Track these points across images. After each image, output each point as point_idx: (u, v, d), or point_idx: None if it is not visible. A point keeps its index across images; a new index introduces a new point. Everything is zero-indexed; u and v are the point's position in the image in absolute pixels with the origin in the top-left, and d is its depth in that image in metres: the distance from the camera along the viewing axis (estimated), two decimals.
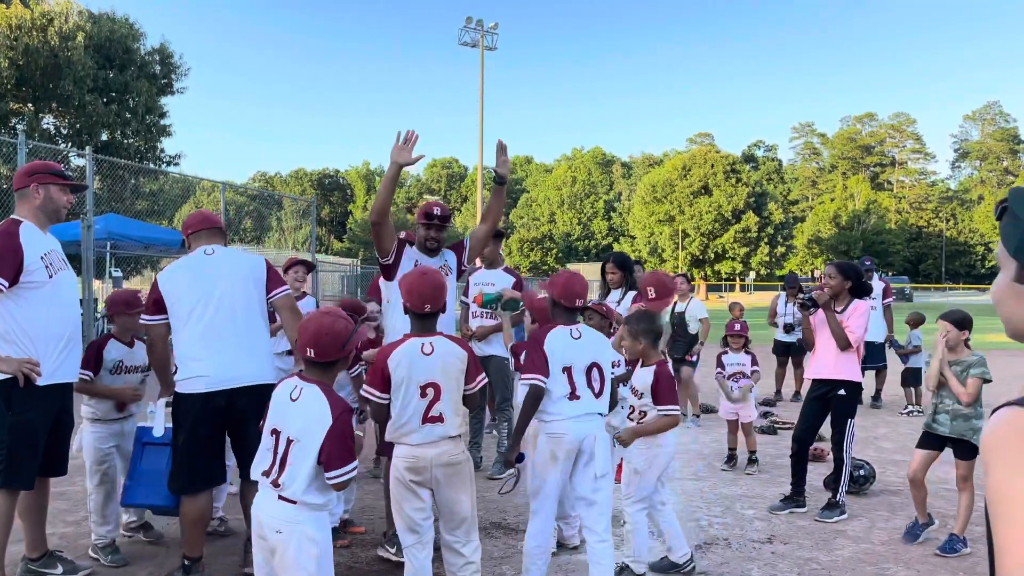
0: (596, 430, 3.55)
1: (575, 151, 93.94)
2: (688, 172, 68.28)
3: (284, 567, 2.64)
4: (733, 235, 66.77)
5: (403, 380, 3.13)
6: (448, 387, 3.19)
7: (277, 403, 2.81)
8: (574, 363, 3.53)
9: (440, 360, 3.19)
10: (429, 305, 3.25)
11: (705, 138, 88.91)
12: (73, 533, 4.65)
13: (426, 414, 3.15)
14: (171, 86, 27.47)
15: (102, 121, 24.60)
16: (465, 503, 3.27)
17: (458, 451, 3.26)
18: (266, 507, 2.71)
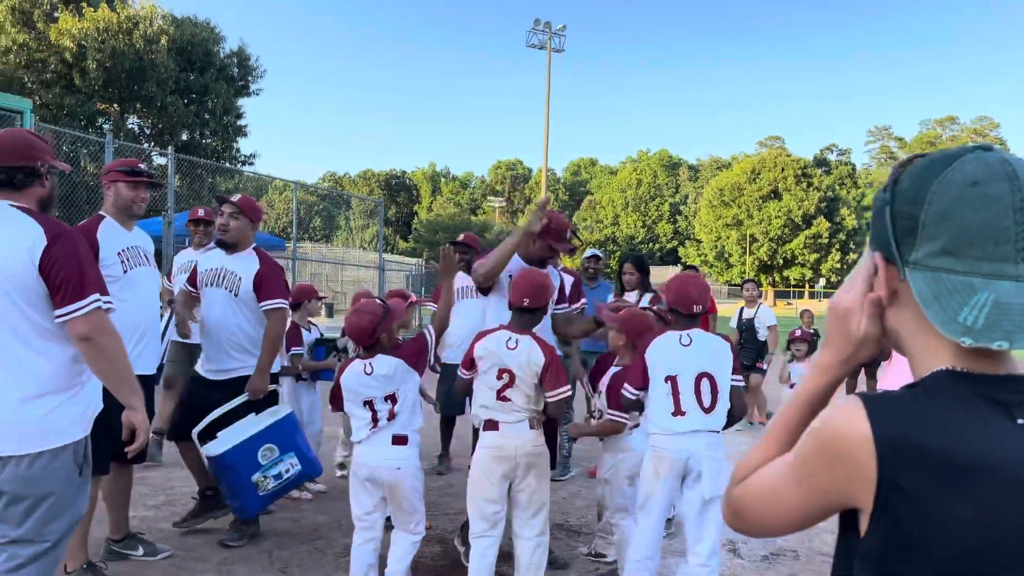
0: (704, 448, 3.34)
1: (641, 153, 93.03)
2: (757, 176, 66.94)
3: (403, 495, 3.45)
4: (803, 241, 65.18)
5: (486, 365, 3.40)
6: (522, 379, 3.35)
7: (359, 381, 3.44)
8: (680, 373, 3.38)
9: (519, 357, 3.35)
10: (528, 300, 3.41)
11: (775, 141, 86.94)
12: (153, 516, 4.85)
13: (499, 393, 3.37)
14: (247, 88, 28.34)
15: (182, 121, 25.55)
16: (544, 492, 3.42)
17: (540, 442, 3.41)
18: (379, 453, 3.43)
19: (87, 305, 2.39)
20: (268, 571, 4.03)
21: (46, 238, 2.37)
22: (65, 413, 2.43)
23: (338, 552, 4.32)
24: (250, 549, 4.32)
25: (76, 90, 23.31)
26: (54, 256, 2.35)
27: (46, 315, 2.40)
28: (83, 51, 22.66)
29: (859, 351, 1.07)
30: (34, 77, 22.95)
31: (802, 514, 1.05)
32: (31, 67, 22.90)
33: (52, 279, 2.36)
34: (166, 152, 16.97)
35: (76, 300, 2.38)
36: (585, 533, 4.82)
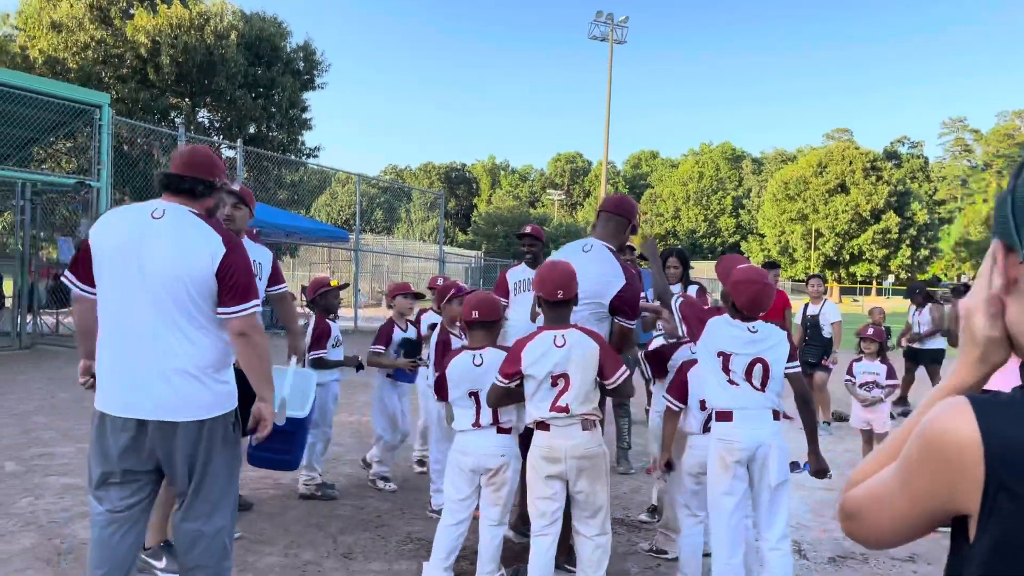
0: (768, 436, 3.35)
1: (703, 146, 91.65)
2: (824, 169, 65.22)
3: (503, 481, 3.58)
4: (871, 236, 63.27)
5: (536, 371, 3.27)
6: (577, 379, 3.25)
7: (467, 373, 3.58)
8: (734, 353, 3.40)
9: (571, 352, 3.26)
10: (561, 292, 3.32)
11: (843, 134, 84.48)
12: None
13: (554, 403, 3.27)
14: (313, 82, 28.81)
15: (250, 115, 26.15)
16: (600, 494, 3.32)
17: (594, 443, 3.30)
18: (485, 443, 3.56)
19: (250, 308, 2.81)
20: (332, 556, 4.11)
21: (225, 247, 2.78)
22: (219, 389, 2.83)
23: (400, 539, 4.38)
24: (315, 534, 4.42)
25: (150, 85, 24.06)
26: (231, 263, 2.77)
27: (207, 310, 2.78)
28: (157, 47, 23.38)
29: (989, 352, 1.03)
30: (111, 72, 23.77)
31: (910, 521, 1.01)
32: (108, 63, 23.73)
33: (226, 281, 2.76)
34: (235, 145, 17.44)
35: (242, 302, 2.78)
36: (646, 529, 4.78)
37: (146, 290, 2.72)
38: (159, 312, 2.72)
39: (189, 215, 2.82)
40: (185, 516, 2.83)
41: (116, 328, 2.77)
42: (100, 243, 2.80)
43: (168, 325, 2.73)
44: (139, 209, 2.84)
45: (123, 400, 2.75)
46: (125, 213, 2.87)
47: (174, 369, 2.72)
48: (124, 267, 2.74)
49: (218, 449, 2.82)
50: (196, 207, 2.87)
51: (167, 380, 2.72)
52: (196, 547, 2.82)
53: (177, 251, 2.73)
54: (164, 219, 2.78)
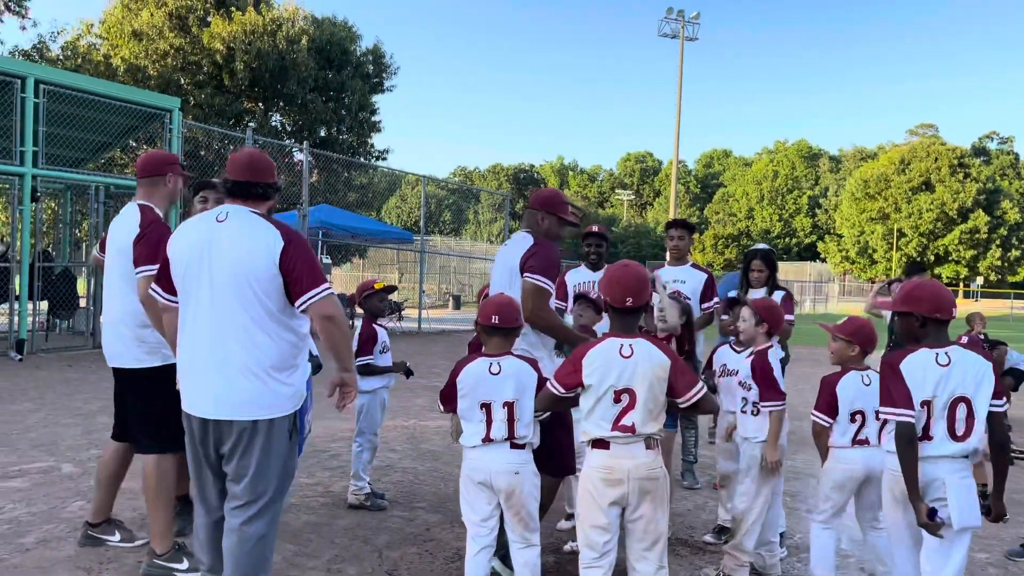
0: (949, 473, 2.95)
1: (778, 144, 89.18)
2: (907, 166, 62.51)
3: (521, 500, 3.31)
4: (958, 236, 60.35)
5: (597, 382, 2.95)
6: (644, 396, 2.92)
7: (480, 382, 3.30)
8: (937, 396, 2.96)
9: (638, 364, 2.93)
10: (631, 299, 3.01)
11: (927, 129, 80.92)
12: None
13: (616, 421, 2.93)
14: (382, 84, 29.11)
15: (321, 118, 26.57)
16: (662, 522, 3.00)
17: (657, 465, 2.99)
18: (498, 458, 3.29)
19: (323, 291, 2.90)
20: (376, 572, 3.93)
21: (283, 239, 2.88)
22: (280, 390, 2.93)
23: (448, 556, 4.18)
24: (361, 547, 4.25)
25: (225, 90, 24.68)
26: (292, 254, 2.87)
27: (275, 308, 2.89)
28: (232, 53, 23.96)
29: None
30: (188, 79, 24.48)
31: None
32: (186, 69, 24.45)
33: (292, 273, 2.86)
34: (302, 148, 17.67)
35: (313, 287, 2.88)
36: (711, 551, 4.45)
37: (213, 292, 2.87)
38: (224, 313, 2.86)
39: (250, 215, 2.95)
40: (231, 515, 2.94)
41: (189, 332, 2.95)
42: (175, 253, 2.99)
43: (232, 326, 2.86)
44: (207, 216, 3.02)
45: (189, 399, 2.97)
46: (197, 222, 3.03)
47: (236, 369, 2.85)
48: (197, 273, 2.90)
49: (271, 451, 2.92)
50: (258, 208, 3.01)
51: (228, 379, 2.86)
52: (237, 549, 2.91)
53: (239, 251, 2.86)
54: (227, 222, 2.93)
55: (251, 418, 2.88)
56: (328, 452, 6.39)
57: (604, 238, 5.60)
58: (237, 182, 2.97)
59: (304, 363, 3.10)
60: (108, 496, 4.05)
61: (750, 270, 5.67)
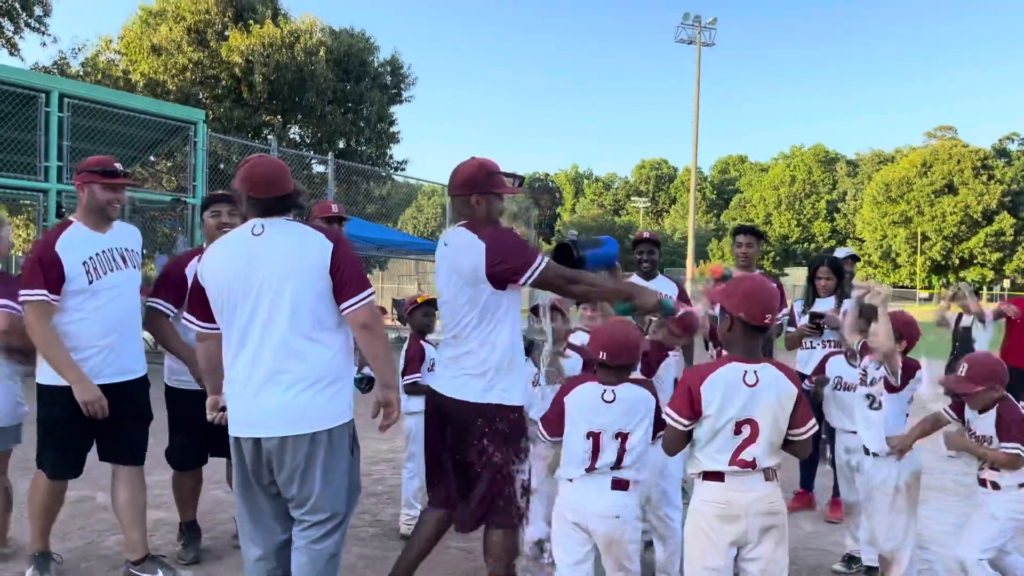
0: None
1: (794, 149, 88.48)
2: (929, 169, 61.80)
3: (621, 550, 3.00)
4: (983, 238, 59.52)
5: (715, 411, 2.62)
6: (767, 427, 2.61)
7: (590, 407, 3.01)
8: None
9: (764, 394, 2.61)
10: (769, 316, 2.66)
11: (946, 132, 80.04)
12: None
13: (735, 456, 2.62)
14: (400, 95, 28.96)
15: (340, 130, 26.43)
16: (782, 562, 2.66)
17: (777, 497, 2.66)
18: (595, 500, 2.99)
19: (366, 297, 2.82)
20: None
21: (331, 241, 2.83)
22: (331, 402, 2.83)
23: None
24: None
25: (244, 103, 24.59)
26: (339, 256, 2.80)
27: (324, 315, 2.81)
28: (250, 66, 23.86)
29: None
30: (207, 92, 24.42)
31: None
32: (205, 83, 24.39)
33: (339, 275, 2.79)
34: (326, 159, 17.50)
35: (358, 292, 2.80)
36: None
37: (261, 306, 2.77)
38: (276, 326, 2.76)
39: (288, 223, 2.88)
40: (299, 536, 2.84)
41: (235, 352, 2.82)
42: (211, 276, 2.88)
43: (284, 338, 2.76)
44: (238, 234, 2.91)
45: (241, 421, 2.83)
46: (227, 242, 2.93)
47: (290, 382, 2.75)
48: (244, 291, 2.79)
49: (334, 466, 2.83)
50: (290, 216, 2.94)
51: (282, 394, 2.76)
52: (309, 568, 2.81)
53: (289, 259, 2.79)
54: (266, 234, 2.83)
55: (310, 431, 2.78)
56: (371, 476, 6.09)
57: (656, 244, 5.30)
58: (274, 198, 2.87)
59: (352, 370, 3.03)
60: (132, 528, 3.81)
61: (816, 278, 5.41)
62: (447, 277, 3.18)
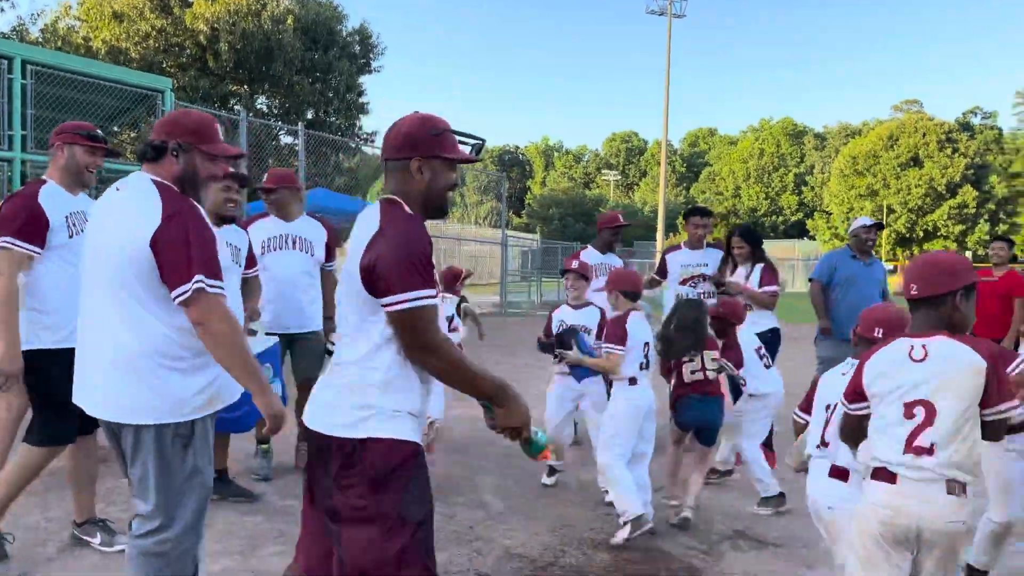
0: None
1: (763, 122, 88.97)
2: (895, 142, 62.55)
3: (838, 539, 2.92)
4: (947, 211, 60.60)
5: (882, 393, 2.43)
6: (945, 408, 2.32)
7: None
8: None
9: (936, 368, 2.35)
10: (915, 287, 2.44)
11: (912, 105, 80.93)
12: None
13: (910, 442, 2.33)
14: (369, 65, 28.60)
15: (308, 100, 26.05)
16: None
17: (961, 517, 2.32)
18: (815, 484, 3.05)
19: (193, 287, 2.37)
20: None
21: (162, 216, 2.39)
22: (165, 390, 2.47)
23: (500, 555, 3.91)
24: None
25: (209, 72, 24.11)
26: (165, 234, 2.38)
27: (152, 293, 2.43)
28: (216, 34, 23.37)
29: None
30: (171, 61, 23.88)
31: None
32: (168, 51, 23.85)
33: (161, 256, 2.39)
34: (295, 129, 17.19)
35: (182, 282, 2.37)
36: (771, 543, 4.22)
37: (92, 271, 2.52)
38: (99, 297, 2.49)
39: (146, 182, 2.54)
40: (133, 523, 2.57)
41: (81, 317, 2.59)
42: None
43: (105, 312, 2.47)
44: (114, 185, 2.64)
45: (78, 397, 2.59)
46: (106, 193, 2.66)
47: (109, 362, 2.46)
48: (88, 251, 2.57)
49: (159, 460, 2.47)
50: (159, 173, 2.58)
51: (104, 374, 2.48)
52: (128, 564, 2.54)
53: (118, 226, 2.46)
54: (122, 191, 2.58)
55: (125, 421, 2.46)
56: None
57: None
58: (148, 145, 2.58)
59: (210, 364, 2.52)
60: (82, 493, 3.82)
61: (731, 247, 5.89)
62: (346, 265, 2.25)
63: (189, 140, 2.58)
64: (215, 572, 3.58)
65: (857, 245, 6.49)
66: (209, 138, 2.62)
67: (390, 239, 2.08)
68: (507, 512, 4.62)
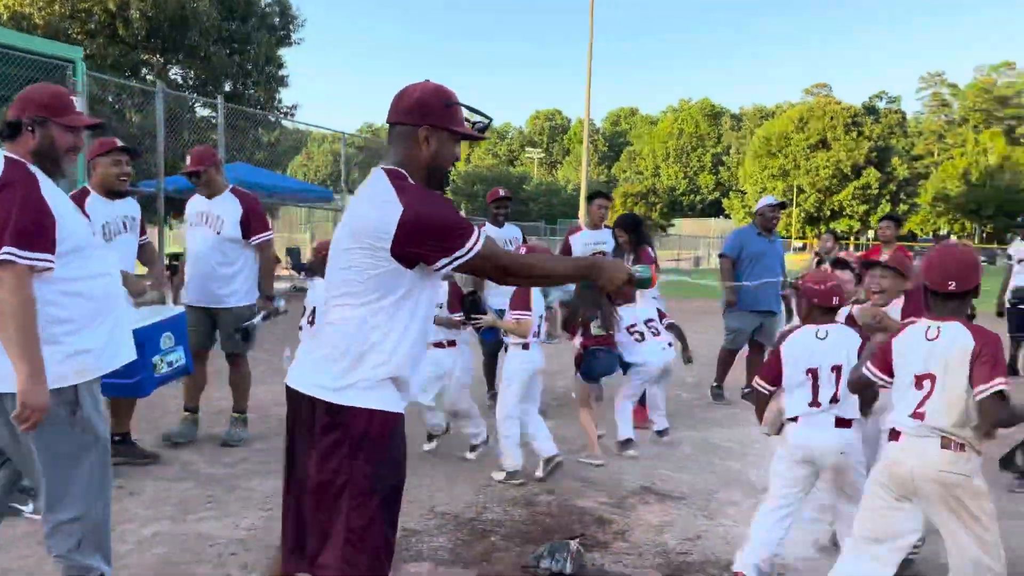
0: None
1: (682, 102, 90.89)
2: (805, 124, 65.02)
3: (849, 481, 3.29)
4: (852, 192, 63.47)
5: (901, 365, 2.79)
6: (944, 382, 2.65)
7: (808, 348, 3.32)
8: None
9: (943, 348, 2.68)
10: (953, 283, 2.73)
11: (822, 89, 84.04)
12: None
13: (916, 408, 2.70)
14: (289, 37, 27.95)
15: (225, 72, 25.32)
16: (970, 550, 2.59)
17: (956, 467, 2.61)
18: (821, 436, 3.26)
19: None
20: None
21: None
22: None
23: (424, 513, 4.16)
24: None
25: (120, 40, 23.17)
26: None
27: None
28: (126, 0, 22.46)
29: None
30: (78, 27, 22.85)
31: None
32: (75, 17, 22.79)
33: None
34: (212, 101, 16.72)
35: None
36: (675, 496, 4.59)
37: None
38: None
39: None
40: None
41: None
42: None
43: None
44: None
45: None
46: None
47: None
48: None
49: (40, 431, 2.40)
50: (18, 150, 2.56)
51: None
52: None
53: None
54: None
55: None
56: None
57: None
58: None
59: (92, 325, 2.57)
60: None
61: (616, 236, 6.36)
62: (340, 231, 2.32)
63: (43, 114, 2.58)
64: (147, 536, 3.70)
65: (763, 223, 7.09)
66: (63, 110, 2.62)
67: (419, 213, 2.13)
68: (433, 475, 4.85)
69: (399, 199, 2.14)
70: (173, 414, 5.69)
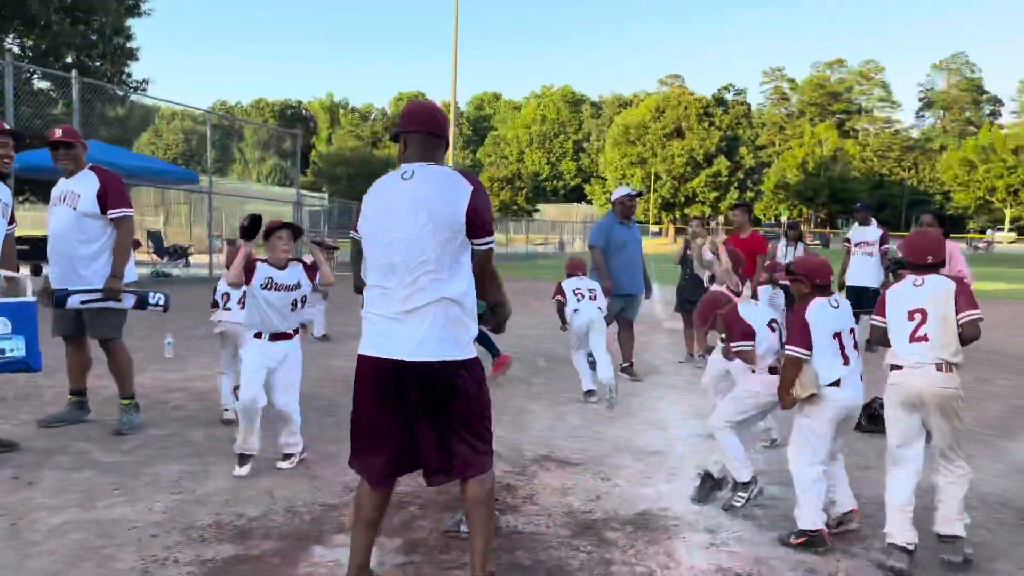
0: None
1: (544, 89, 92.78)
2: (662, 114, 68.05)
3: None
4: (704, 179, 67.14)
5: (894, 307, 3.62)
6: (933, 312, 3.50)
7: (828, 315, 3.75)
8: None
9: (928, 290, 3.55)
10: (931, 256, 3.64)
11: (675, 80, 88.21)
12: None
13: (913, 334, 3.51)
14: (138, 7, 26.34)
15: (68, 42, 23.54)
16: (947, 429, 3.50)
17: (950, 383, 3.47)
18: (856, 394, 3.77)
19: None
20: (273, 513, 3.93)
21: None
22: None
23: (336, 491, 4.26)
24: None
25: None
26: None
27: None
28: None
29: None
30: None
31: None
32: None
33: None
34: (52, 72, 15.52)
35: None
36: (574, 463, 4.90)
37: None
38: None
39: None
40: None
41: None
42: None
43: None
44: None
45: None
46: None
47: None
48: None
49: None
50: None
51: None
52: None
53: None
54: None
55: None
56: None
57: None
58: None
59: None
60: None
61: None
62: (410, 220, 2.75)
63: None
64: (56, 525, 3.60)
65: (622, 211, 7.62)
66: None
67: (484, 197, 2.84)
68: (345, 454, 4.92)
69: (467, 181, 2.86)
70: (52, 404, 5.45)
